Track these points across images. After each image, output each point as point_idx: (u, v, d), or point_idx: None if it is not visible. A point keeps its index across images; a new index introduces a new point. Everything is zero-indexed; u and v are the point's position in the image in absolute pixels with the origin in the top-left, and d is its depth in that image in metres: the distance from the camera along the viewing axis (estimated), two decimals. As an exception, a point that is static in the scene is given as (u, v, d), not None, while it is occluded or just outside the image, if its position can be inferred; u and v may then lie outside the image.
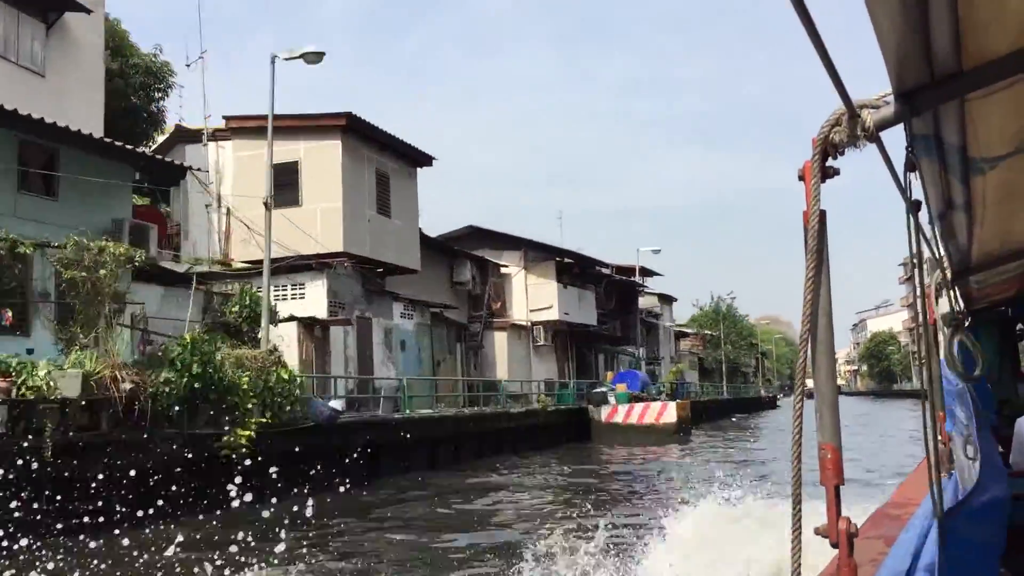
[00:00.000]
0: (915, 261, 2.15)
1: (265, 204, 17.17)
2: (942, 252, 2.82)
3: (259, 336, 17.66)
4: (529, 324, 31.96)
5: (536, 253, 32.52)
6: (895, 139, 1.65)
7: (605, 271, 36.04)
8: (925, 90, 1.49)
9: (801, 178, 1.61)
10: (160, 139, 24.14)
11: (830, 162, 1.60)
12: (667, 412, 31.46)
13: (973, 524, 2.33)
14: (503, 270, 32.15)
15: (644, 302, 45.82)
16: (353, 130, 21.88)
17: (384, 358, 22.75)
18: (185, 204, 22.73)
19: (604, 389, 32.72)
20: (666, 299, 50.85)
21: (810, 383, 1.66)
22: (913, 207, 1.86)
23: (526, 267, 32.32)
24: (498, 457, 23.08)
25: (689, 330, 61.51)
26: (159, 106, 24.03)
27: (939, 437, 3.11)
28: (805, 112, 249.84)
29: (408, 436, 18.83)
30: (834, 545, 1.59)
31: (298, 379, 17.18)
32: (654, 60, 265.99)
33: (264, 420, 14.32)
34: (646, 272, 43.46)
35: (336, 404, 16.71)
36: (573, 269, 33.45)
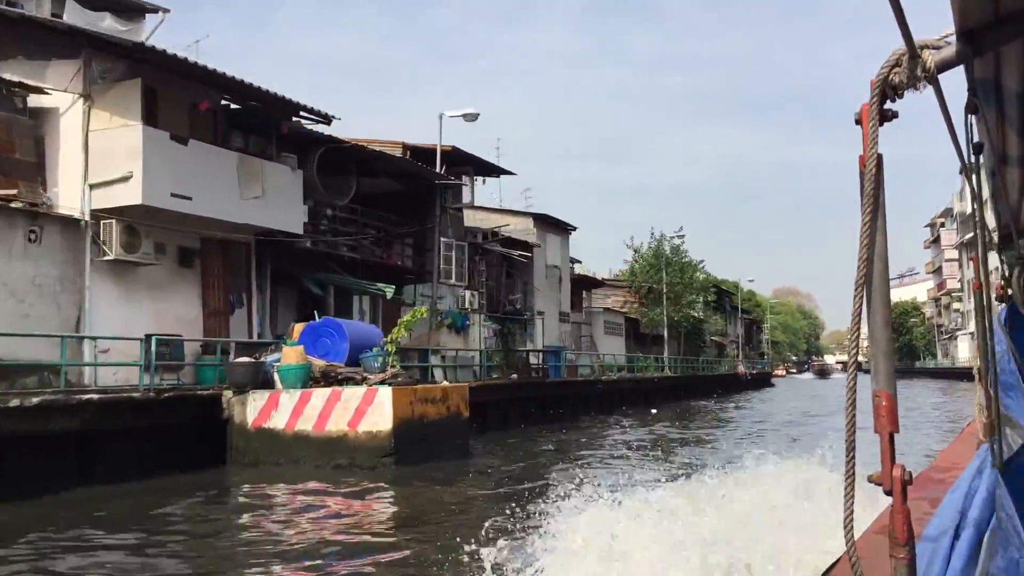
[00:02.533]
0: (977, 207, 1.98)
1: None
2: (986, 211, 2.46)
3: None
4: (84, 218, 14.86)
5: (115, 64, 15.31)
6: (950, 85, 1.58)
7: (316, 129, 18.41)
8: (988, 29, 1.45)
9: (858, 121, 1.55)
10: None
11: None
12: (375, 409, 14.42)
13: None
14: (34, 100, 15.01)
15: (485, 220, 28.50)
16: None
17: None
18: None
19: (272, 358, 15.77)
20: (555, 226, 33.25)
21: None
22: (977, 148, 1.77)
23: (89, 94, 15.13)
24: None
25: (603, 278, 43.71)
26: None
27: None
28: (831, 89, 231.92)
29: None
30: (888, 493, 1.58)
31: None
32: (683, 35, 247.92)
33: None
34: (478, 166, 25.80)
35: None
36: (200, 104, 16.13)
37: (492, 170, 26.67)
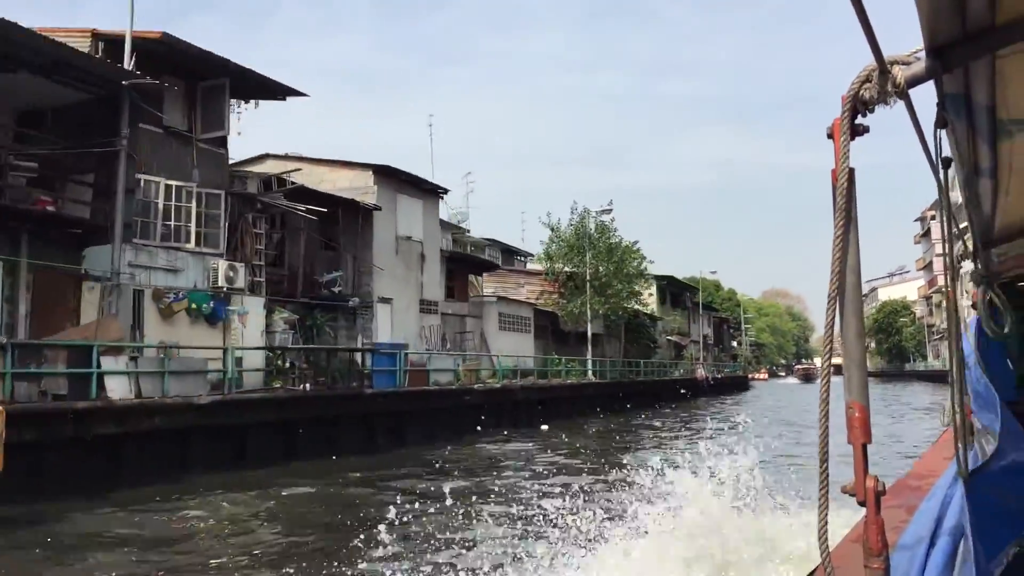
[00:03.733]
0: (946, 220, 2.07)
1: None
2: (960, 220, 2.71)
3: None
4: None
5: None
6: (921, 99, 1.58)
7: None
8: (957, 45, 1.47)
9: (830, 136, 1.57)
10: None
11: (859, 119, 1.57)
12: None
13: (997, 487, 2.36)
14: None
15: (309, 175, 20.35)
16: None
17: None
18: None
19: None
20: (413, 184, 25.10)
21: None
22: (945, 163, 1.81)
23: None
24: None
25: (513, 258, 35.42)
26: None
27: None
28: (823, 95, 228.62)
29: None
30: (861, 503, 1.57)
31: None
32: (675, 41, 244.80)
33: None
34: (239, 77, 17.27)
35: None
36: None
37: (272, 90, 18.43)
